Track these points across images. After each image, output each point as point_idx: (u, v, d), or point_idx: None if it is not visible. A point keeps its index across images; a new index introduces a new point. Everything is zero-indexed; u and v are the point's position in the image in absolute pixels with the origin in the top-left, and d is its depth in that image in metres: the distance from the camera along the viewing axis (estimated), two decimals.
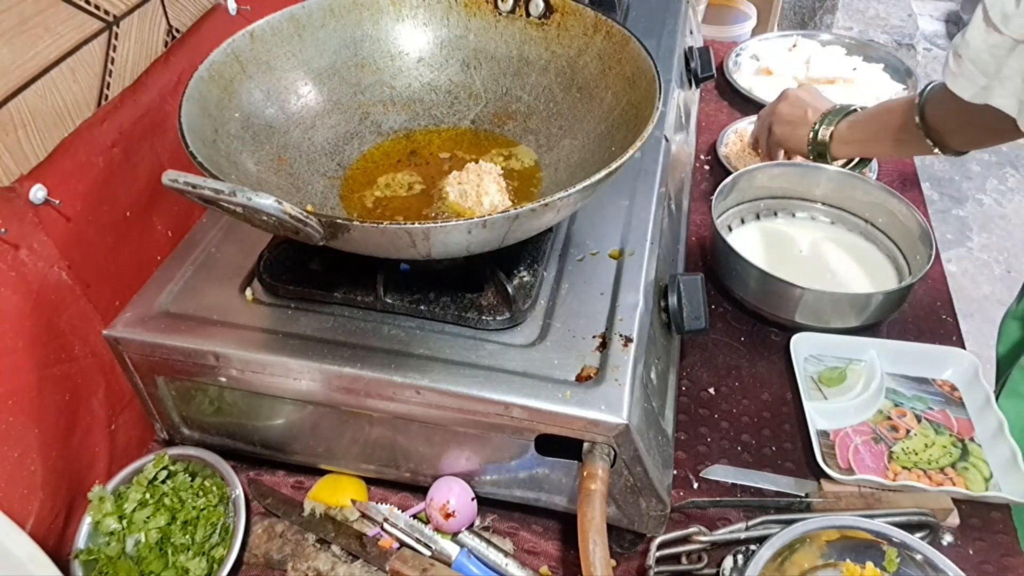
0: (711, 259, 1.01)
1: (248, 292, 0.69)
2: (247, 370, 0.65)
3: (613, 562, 0.69)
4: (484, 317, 0.65)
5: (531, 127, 0.79)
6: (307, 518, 0.72)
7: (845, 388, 0.85)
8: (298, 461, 0.75)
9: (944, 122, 0.87)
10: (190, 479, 0.72)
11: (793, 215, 1.05)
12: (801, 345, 0.87)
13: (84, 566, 0.66)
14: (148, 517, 0.68)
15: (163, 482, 0.71)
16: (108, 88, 0.73)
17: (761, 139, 1.13)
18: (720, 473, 0.78)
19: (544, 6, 0.78)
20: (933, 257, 0.88)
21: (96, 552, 0.67)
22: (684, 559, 0.69)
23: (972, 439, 0.79)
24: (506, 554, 0.69)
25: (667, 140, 0.89)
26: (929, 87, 0.87)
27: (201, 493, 0.70)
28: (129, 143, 0.73)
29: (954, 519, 0.73)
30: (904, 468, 0.76)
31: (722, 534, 0.69)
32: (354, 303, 0.68)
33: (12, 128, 0.62)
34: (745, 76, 1.40)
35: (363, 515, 0.71)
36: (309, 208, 0.54)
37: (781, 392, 0.86)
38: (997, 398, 0.84)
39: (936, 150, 0.89)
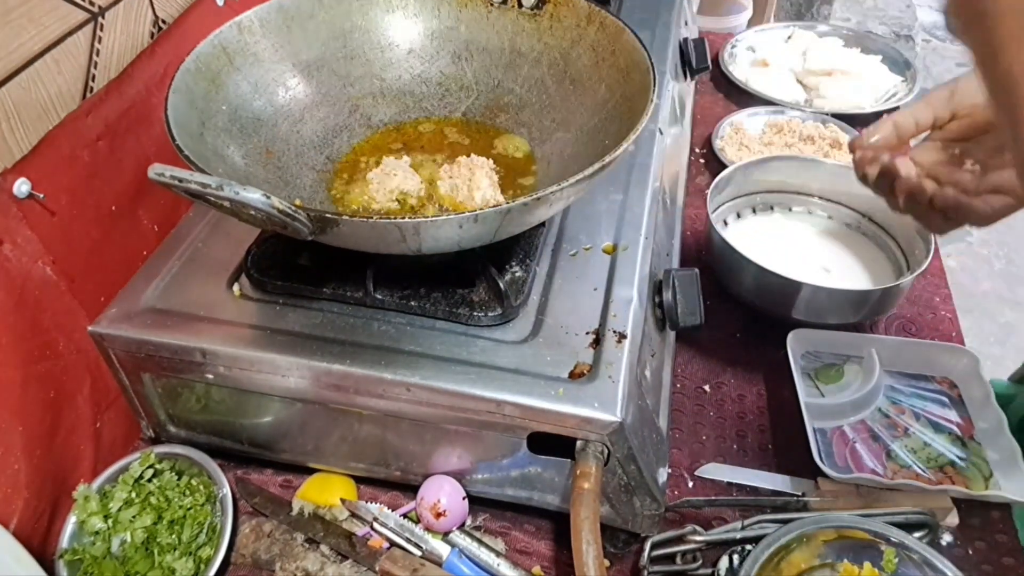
0: (707, 254, 0.99)
1: (235, 288, 0.68)
2: (234, 367, 0.64)
3: (607, 562, 0.68)
4: (475, 313, 0.64)
5: (523, 120, 0.78)
6: (295, 517, 0.71)
7: (843, 385, 0.84)
8: (286, 459, 0.74)
9: None
10: (176, 478, 0.71)
11: (790, 209, 1.04)
12: (798, 341, 0.86)
13: (69, 566, 0.65)
14: (134, 516, 0.68)
15: (149, 481, 0.70)
16: (93, 80, 0.72)
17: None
18: (715, 471, 0.77)
19: None
20: (932, 252, 0.87)
21: (81, 552, 0.66)
22: (679, 559, 0.68)
23: (972, 437, 0.78)
24: (498, 554, 0.68)
25: (662, 133, 0.88)
26: None
27: (188, 492, 0.69)
28: (115, 136, 0.72)
29: (953, 519, 0.72)
30: (902, 467, 0.75)
31: (717, 534, 0.68)
32: (343, 299, 0.67)
33: None
34: (741, 68, 1.39)
35: (352, 514, 0.71)
36: (297, 202, 0.53)
37: (778, 389, 0.86)
38: None
39: None
